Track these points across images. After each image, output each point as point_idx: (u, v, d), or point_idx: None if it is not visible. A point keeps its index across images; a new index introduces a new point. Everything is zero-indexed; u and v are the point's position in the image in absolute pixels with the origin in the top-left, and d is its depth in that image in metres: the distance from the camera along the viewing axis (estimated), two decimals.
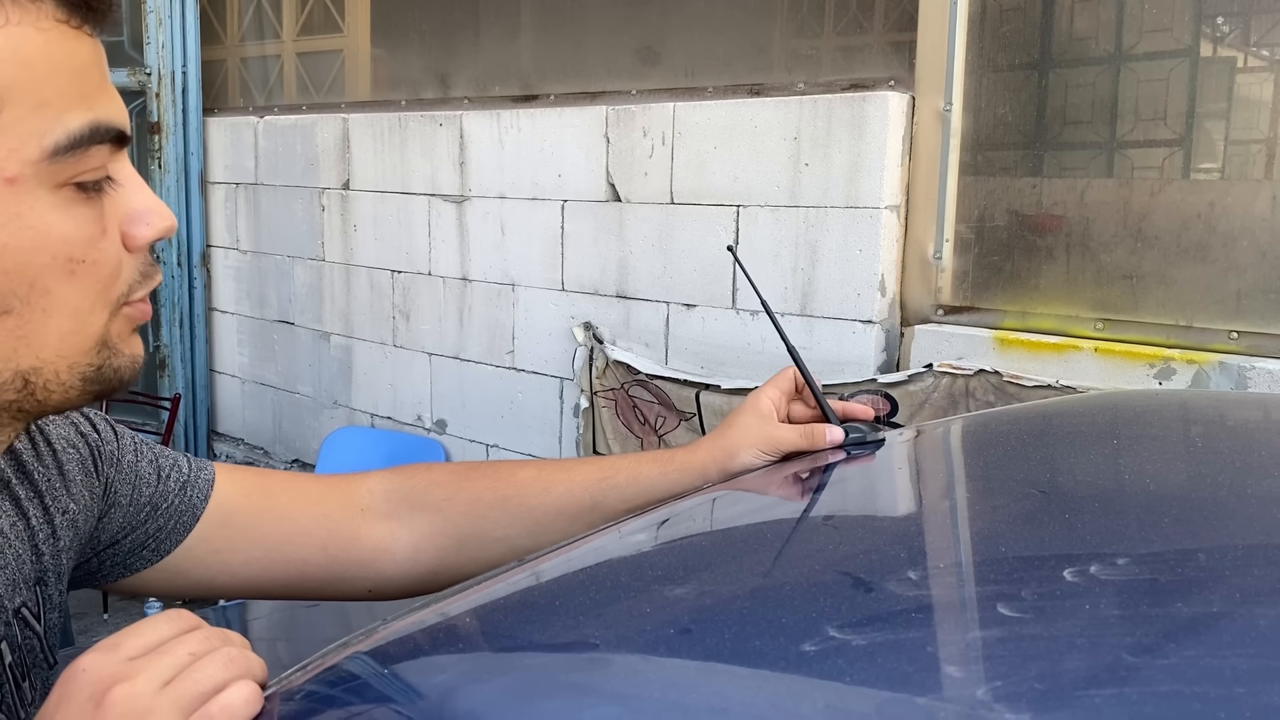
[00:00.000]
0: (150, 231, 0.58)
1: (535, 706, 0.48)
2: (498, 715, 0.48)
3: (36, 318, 0.53)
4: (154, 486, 0.79)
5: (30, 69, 0.50)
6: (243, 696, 0.51)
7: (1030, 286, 2.25)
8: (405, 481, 0.88)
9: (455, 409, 3.31)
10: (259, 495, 0.84)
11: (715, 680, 0.47)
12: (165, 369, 4.00)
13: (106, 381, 0.59)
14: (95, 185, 0.55)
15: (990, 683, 0.42)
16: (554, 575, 0.64)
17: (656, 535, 0.70)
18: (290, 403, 3.84)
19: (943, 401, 2.21)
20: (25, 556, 0.66)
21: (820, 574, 0.57)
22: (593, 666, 0.50)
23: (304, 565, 0.84)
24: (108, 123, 0.54)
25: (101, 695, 0.50)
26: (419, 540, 0.87)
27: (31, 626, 0.66)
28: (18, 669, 0.64)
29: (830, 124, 2.36)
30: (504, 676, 0.52)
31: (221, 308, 4.05)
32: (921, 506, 0.72)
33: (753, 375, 2.50)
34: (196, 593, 0.83)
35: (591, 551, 0.66)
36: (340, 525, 0.85)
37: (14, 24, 0.50)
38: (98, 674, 0.51)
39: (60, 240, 0.53)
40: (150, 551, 0.79)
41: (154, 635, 0.53)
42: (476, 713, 0.49)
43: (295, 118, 3.68)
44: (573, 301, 2.92)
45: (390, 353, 3.46)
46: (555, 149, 2.90)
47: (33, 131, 0.51)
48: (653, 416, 2.73)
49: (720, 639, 0.49)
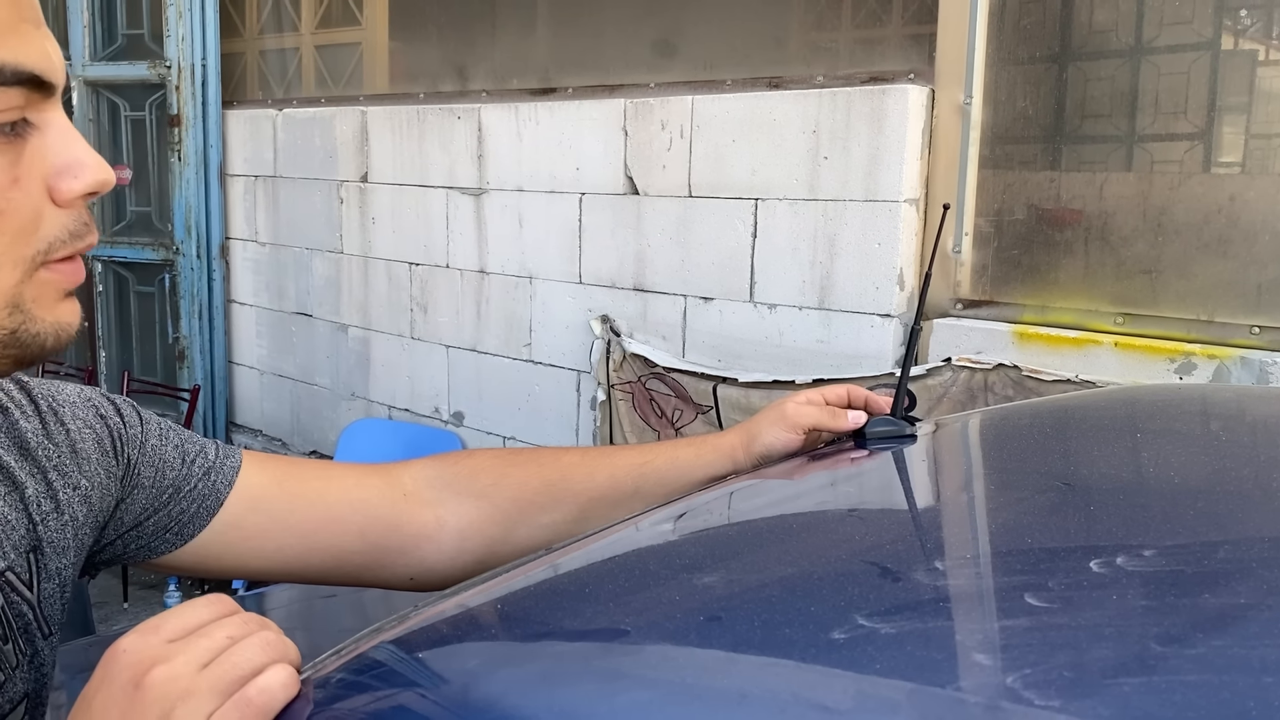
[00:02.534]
0: (79, 184, 0.54)
1: (567, 692, 0.49)
2: (529, 701, 0.48)
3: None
4: (177, 470, 0.80)
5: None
6: (280, 679, 0.52)
7: (1049, 280, 2.24)
8: (450, 468, 0.89)
9: (472, 401, 3.32)
10: (291, 482, 0.84)
11: (745, 667, 0.48)
12: (184, 360, 4.03)
13: (24, 347, 0.55)
14: (9, 130, 0.52)
15: (1019, 670, 0.43)
16: (583, 564, 0.64)
17: (684, 525, 0.70)
18: (308, 394, 3.86)
19: (961, 395, 2.21)
20: (17, 524, 0.67)
21: (848, 564, 0.57)
22: (624, 653, 0.50)
23: (341, 551, 0.84)
24: (15, 65, 0.51)
25: (141, 676, 0.51)
26: (465, 526, 0.87)
27: (19, 592, 0.66)
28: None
29: (849, 117, 2.35)
30: (535, 663, 0.53)
31: (240, 300, 4.08)
32: (947, 499, 0.72)
33: (770, 368, 2.50)
34: (233, 574, 0.84)
35: (621, 541, 0.66)
36: (379, 511, 0.85)
37: None
38: (138, 655, 0.52)
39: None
40: (174, 535, 0.80)
41: (193, 618, 0.54)
42: (508, 699, 0.49)
43: (314, 110, 3.70)
44: (590, 294, 2.92)
45: (408, 345, 3.48)
46: (573, 142, 2.91)
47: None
48: (670, 409, 2.73)
49: (749, 627, 0.50)
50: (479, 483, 0.88)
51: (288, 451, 3.95)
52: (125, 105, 4.10)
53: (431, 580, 0.87)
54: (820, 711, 0.43)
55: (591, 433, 2.97)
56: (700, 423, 2.65)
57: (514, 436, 3.21)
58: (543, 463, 0.89)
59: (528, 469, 0.89)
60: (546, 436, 3.10)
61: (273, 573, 0.84)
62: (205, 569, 0.82)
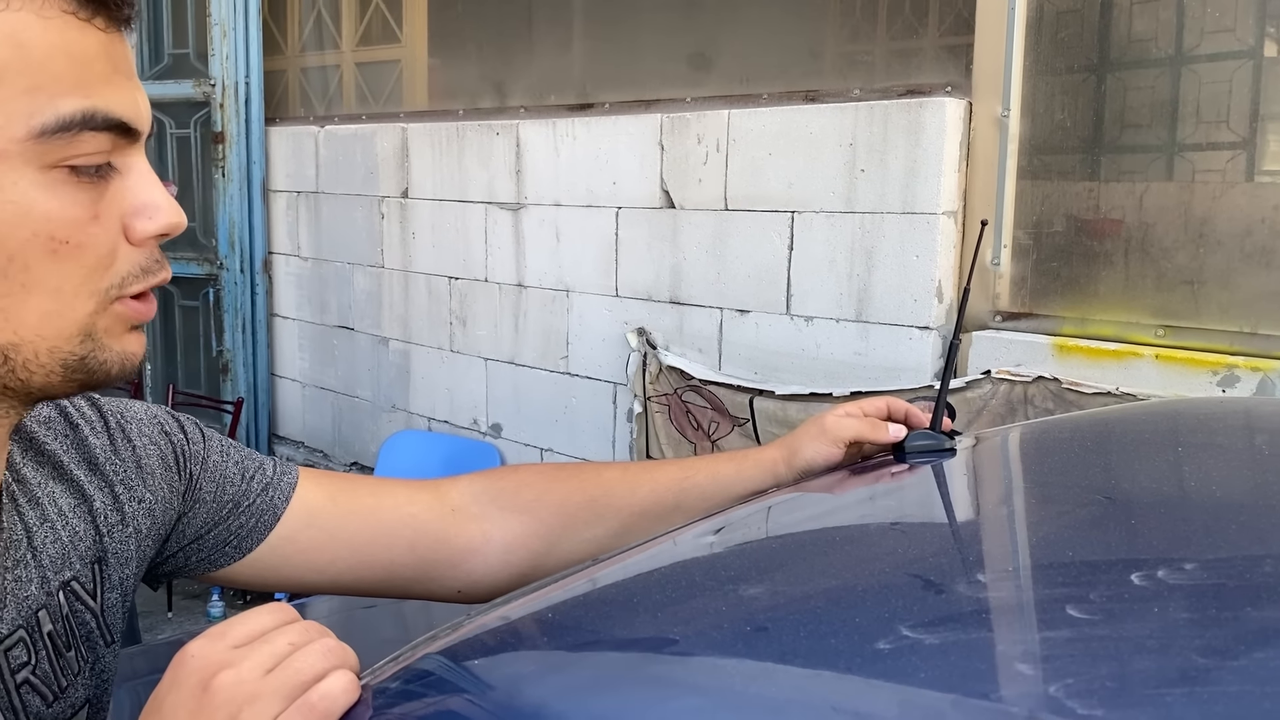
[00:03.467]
0: (153, 225, 0.59)
1: (616, 700, 0.50)
2: (580, 710, 0.50)
3: (15, 292, 0.55)
4: (237, 486, 0.83)
5: (25, 52, 0.52)
6: (341, 685, 0.54)
7: (1089, 292, 2.23)
8: (495, 483, 0.91)
9: (510, 413, 3.35)
10: (344, 497, 0.87)
11: (790, 677, 0.49)
12: (228, 373, 4.10)
13: (90, 373, 0.59)
14: (94, 171, 0.56)
15: (1062, 680, 0.44)
16: (632, 575, 0.66)
17: (730, 537, 0.72)
18: (350, 406, 3.91)
19: (1001, 408, 2.20)
20: (84, 535, 0.70)
21: (891, 576, 0.58)
22: (672, 662, 0.52)
23: (391, 565, 0.87)
24: (106, 112, 0.55)
25: (209, 679, 0.53)
26: (511, 541, 0.89)
27: (83, 601, 0.69)
28: (59, 638, 0.67)
29: (886, 130, 2.36)
30: (586, 672, 0.54)
31: (283, 313, 4.14)
32: (988, 512, 0.73)
33: (807, 381, 2.51)
34: (289, 587, 0.86)
35: (668, 552, 0.68)
36: (428, 526, 0.88)
37: (14, 9, 0.52)
38: (205, 660, 0.54)
39: (42, 218, 0.54)
40: (233, 549, 0.83)
41: (257, 625, 0.57)
42: (559, 707, 0.51)
43: (355, 127, 3.76)
44: (626, 307, 2.94)
45: (447, 358, 3.52)
46: (610, 156, 2.93)
47: (21, 111, 0.52)
48: (706, 422, 2.74)
49: (795, 637, 0.51)
50: (523, 498, 0.90)
51: (329, 464, 4.00)
52: (171, 123, 4.19)
53: (478, 593, 0.90)
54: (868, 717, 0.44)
55: (628, 445, 2.98)
56: (737, 435, 2.66)
57: (551, 448, 3.24)
58: (585, 478, 0.91)
59: (570, 484, 0.91)
60: (583, 449, 3.13)
61: (325, 585, 0.86)
62: (261, 582, 0.85)
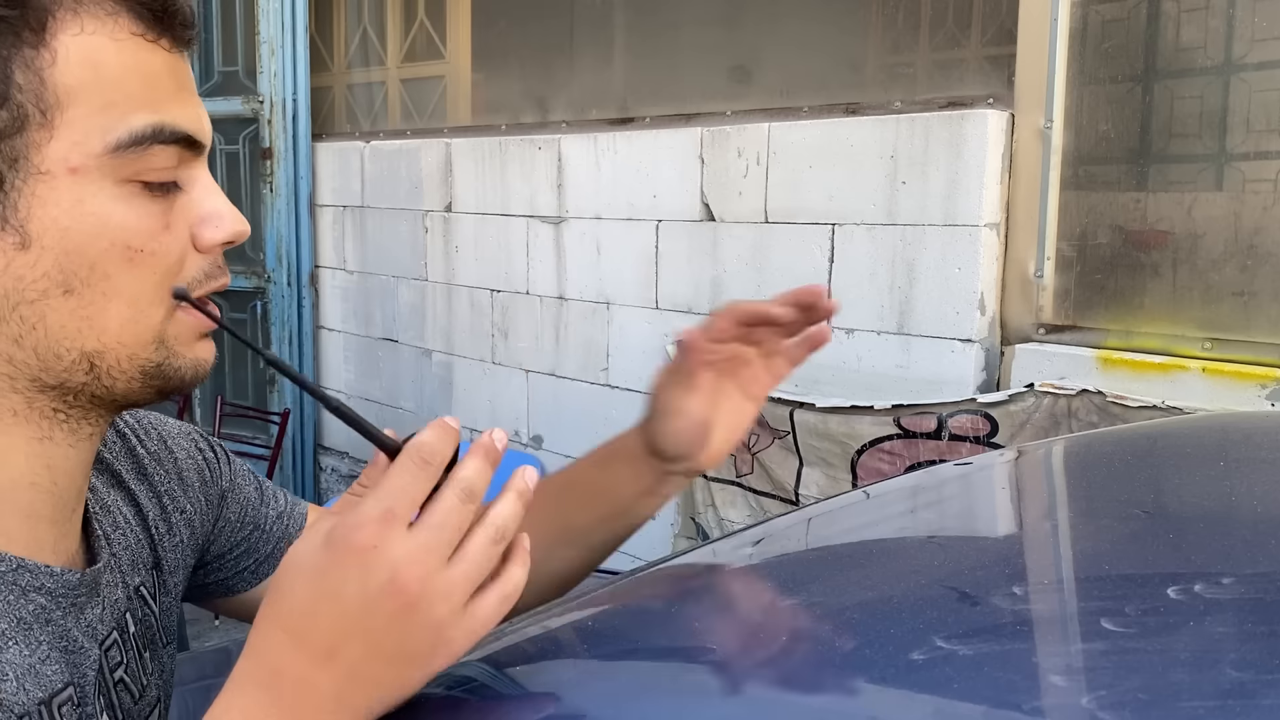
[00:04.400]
0: (220, 234, 0.61)
1: (654, 707, 0.51)
2: (620, 716, 0.51)
3: (97, 300, 0.57)
4: (257, 509, 0.85)
5: (99, 73, 0.55)
6: (520, 571, 0.54)
7: (1135, 305, 2.20)
8: None
9: (552, 425, 3.38)
10: None
11: (827, 687, 0.49)
12: (274, 385, 4.17)
13: (167, 379, 0.62)
14: (163, 186, 0.59)
15: (1094, 692, 0.44)
16: (668, 585, 0.67)
17: (768, 548, 0.72)
18: (394, 418, 3.96)
19: (1044, 422, 2.18)
20: (143, 541, 0.73)
21: (926, 588, 0.59)
22: (710, 671, 0.53)
23: None
24: (173, 126, 0.58)
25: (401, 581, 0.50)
26: None
27: (149, 605, 0.71)
28: (139, 639, 0.69)
29: (928, 142, 2.35)
30: (625, 679, 0.55)
31: (329, 326, 4.21)
32: (1026, 524, 0.73)
33: (849, 393, 2.50)
34: None
35: (705, 562, 0.69)
36: None
37: (89, 33, 0.55)
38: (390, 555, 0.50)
39: (119, 228, 0.57)
40: (250, 573, 0.84)
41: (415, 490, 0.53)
42: (599, 714, 0.52)
43: (400, 142, 3.81)
44: (666, 320, 2.96)
45: (489, 369, 3.55)
46: (650, 170, 2.95)
47: (97, 128, 0.55)
48: (747, 435, 2.74)
49: (831, 647, 0.52)
50: None
51: None
52: (220, 139, 4.28)
53: None
54: None
55: None
56: (777, 448, 2.66)
57: None
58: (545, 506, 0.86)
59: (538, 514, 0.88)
60: None
61: None
62: None
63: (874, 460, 2.42)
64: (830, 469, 2.53)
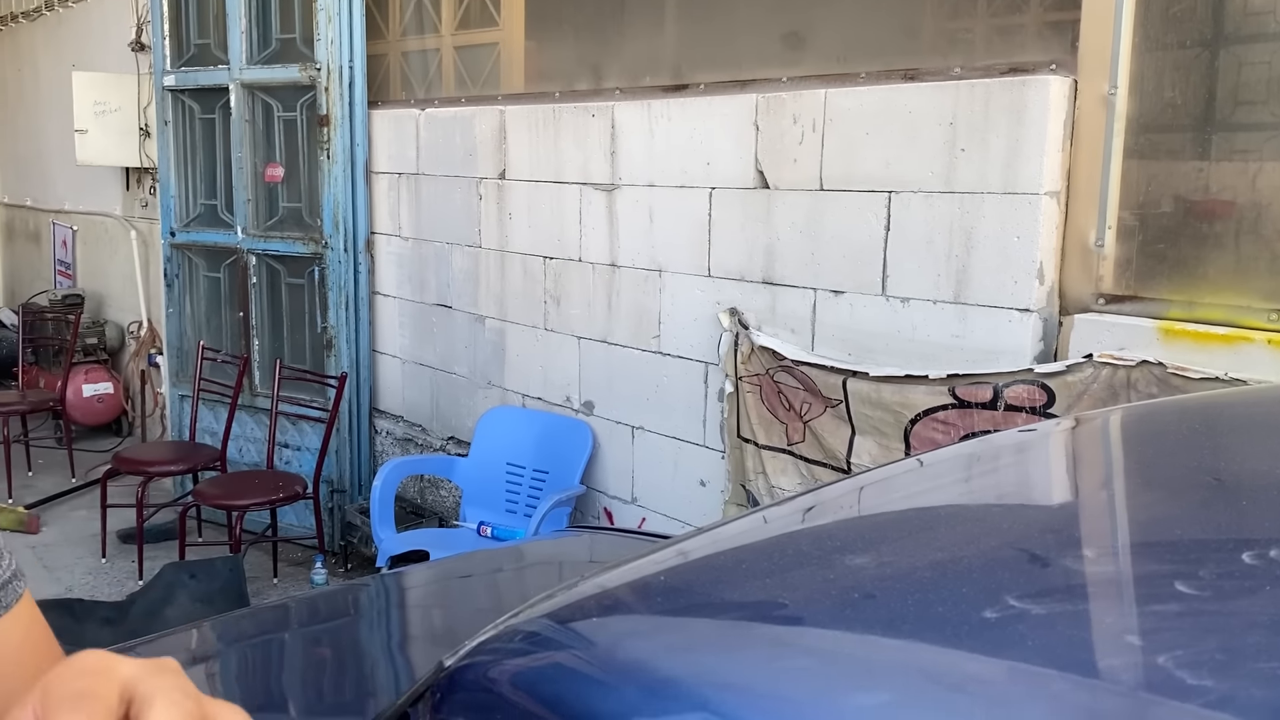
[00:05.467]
0: None
1: (729, 659, 0.53)
2: (691, 667, 0.53)
3: None
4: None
5: None
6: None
7: (1198, 275, 2.17)
8: None
9: (603, 391, 3.40)
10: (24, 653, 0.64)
11: (901, 641, 0.51)
12: (332, 349, 4.24)
13: None
14: None
15: (1171, 652, 0.45)
16: (736, 543, 0.68)
17: (836, 511, 0.74)
18: (447, 383, 4.01)
19: (1102, 393, 2.16)
20: None
21: (996, 550, 0.60)
22: (782, 625, 0.54)
23: None
24: None
25: None
26: None
27: None
28: None
29: (988, 109, 2.32)
30: (697, 631, 0.57)
31: (384, 292, 4.26)
32: (1094, 489, 0.74)
33: (903, 363, 2.49)
34: None
35: (771, 522, 0.70)
36: None
37: None
38: None
39: None
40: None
41: None
42: (671, 664, 0.54)
43: (454, 110, 3.83)
44: (718, 287, 2.96)
45: (541, 336, 3.58)
46: (704, 137, 2.94)
47: None
48: (798, 402, 2.75)
49: (904, 604, 0.53)
50: None
51: (427, 436, 4.12)
52: (278, 106, 4.33)
53: None
54: (973, 683, 0.46)
55: (719, 424, 3.01)
56: (829, 416, 2.66)
57: (642, 426, 3.28)
58: None
59: None
60: (674, 426, 3.16)
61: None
62: None
63: (928, 430, 2.42)
64: (883, 438, 2.52)
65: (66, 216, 6.32)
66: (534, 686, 0.52)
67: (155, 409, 5.68)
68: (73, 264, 6.31)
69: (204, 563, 3.60)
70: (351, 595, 2.36)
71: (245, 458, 4.54)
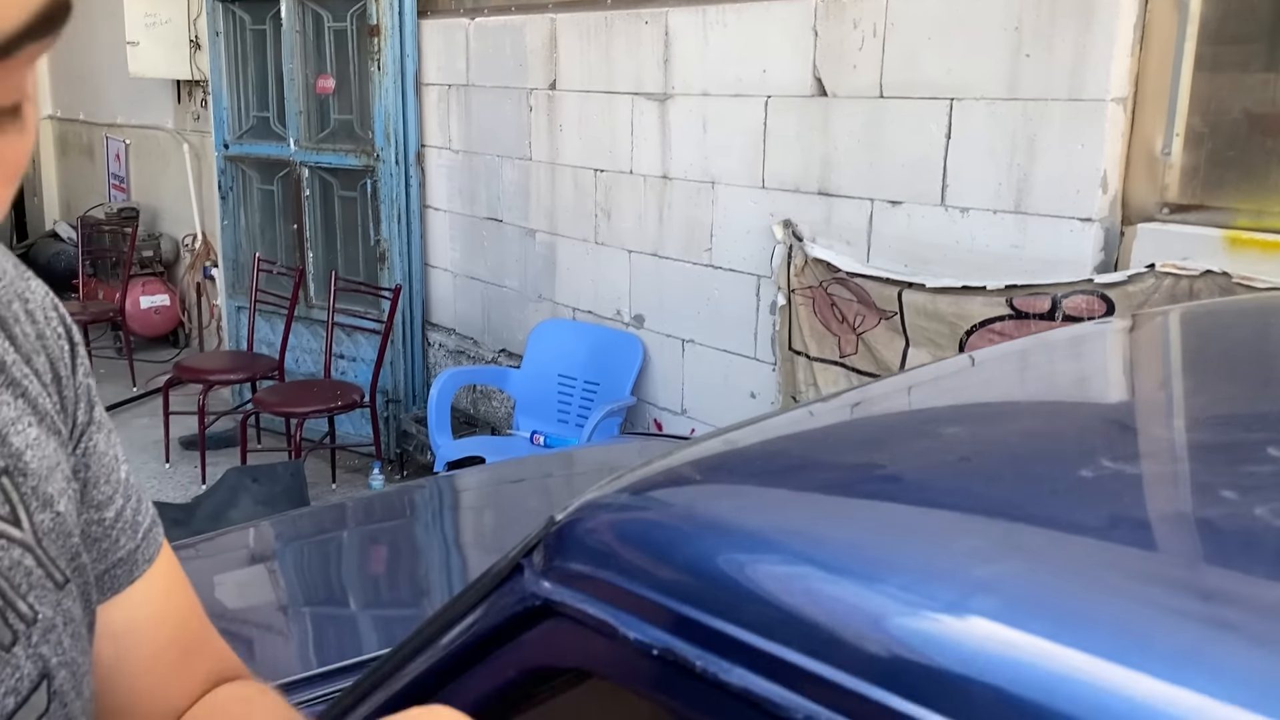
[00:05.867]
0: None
1: (827, 513, 0.55)
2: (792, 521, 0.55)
3: None
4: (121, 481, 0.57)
5: None
6: None
7: (1268, 184, 2.12)
8: None
9: (653, 305, 3.42)
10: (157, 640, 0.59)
11: (1000, 498, 0.53)
12: (385, 262, 4.29)
13: None
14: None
15: (1269, 504, 0.47)
16: (835, 417, 0.71)
17: (920, 391, 0.76)
18: (498, 296, 4.05)
19: (1163, 304, 2.14)
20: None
21: (1085, 420, 0.61)
22: (887, 483, 0.57)
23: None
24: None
25: None
26: None
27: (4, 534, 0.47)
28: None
29: (1054, 12, 2.26)
30: (798, 490, 0.60)
31: (435, 205, 4.28)
32: (1178, 370, 0.75)
33: (960, 274, 2.48)
34: None
35: (868, 397, 0.72)
36: None
37: None
38: None
39: None
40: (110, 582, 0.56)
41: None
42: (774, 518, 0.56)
43: (504, 19, 3.80)
44: (772, 199, 2.94)
45: (592, 250, 3.59)
46: (760, 44, 2.90)
47: None
48: (851, 315, 2.75)
49: (1000, 466, 0.55)
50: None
51: (478, 349, 4.17)
52: (329, 16, 4.31)
53: None
54: (1078, 529, 0.48)
55: (770, 337, 3.02)
56: (884, 328, 2.66)
57: (693, 339, 3.30)
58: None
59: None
60: (725, 339, 3.17)
61: None
62: None
63: (983, 341, 2.41)
64: (938, 350, 2.52)
65: (119, 130, 6.38)
66: (643, 536, 0.55)
67: (211, 320, 5.80)
68: (126, 178, 6.39)
69: (266, 467, 3.71)
70: (409, 496, 2.43)
71: (302, 368, 4.64)
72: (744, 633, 0.45)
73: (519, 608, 0.56)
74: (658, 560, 0.52)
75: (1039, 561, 0.46)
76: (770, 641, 0.44)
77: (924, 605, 0.43)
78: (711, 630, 0.46)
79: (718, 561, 0.50)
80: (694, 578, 0.49)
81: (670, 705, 0.49)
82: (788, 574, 0.48)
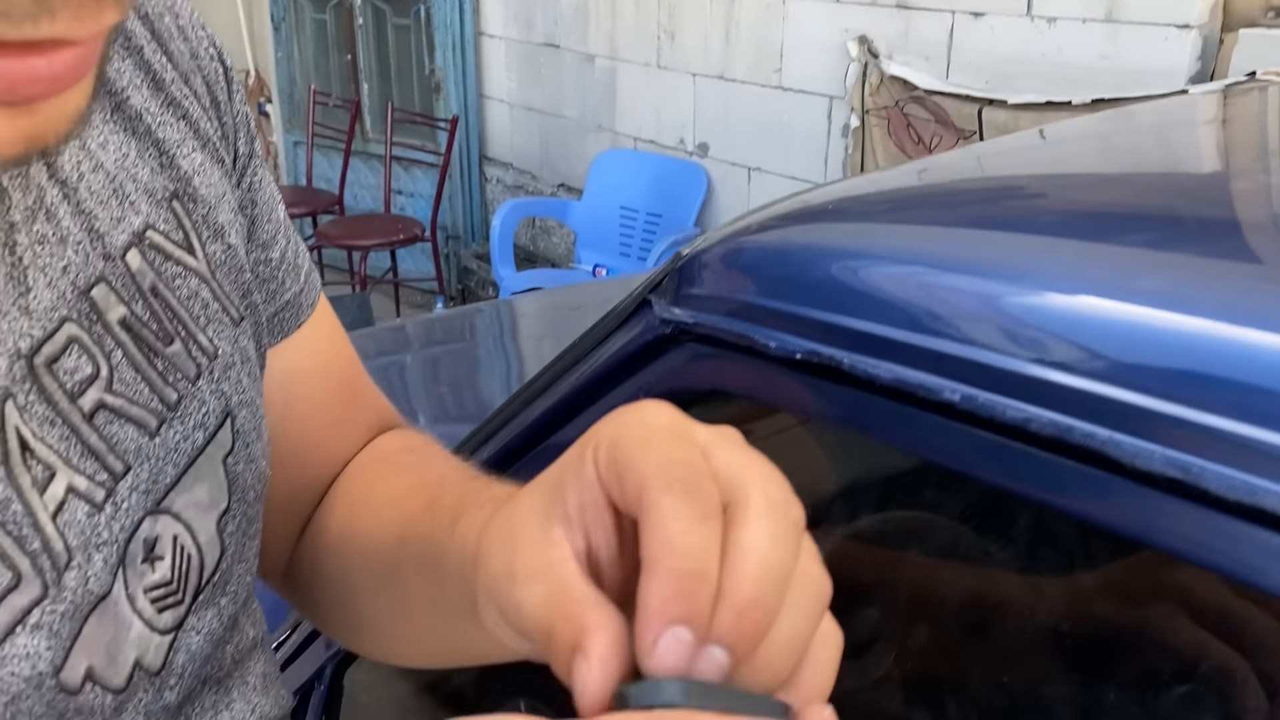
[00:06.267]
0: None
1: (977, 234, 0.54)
2: (941, 236, 0.53)
3: None
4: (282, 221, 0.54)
5: None
6: None
7: None
8: None
9: (718, 132, 3.34)
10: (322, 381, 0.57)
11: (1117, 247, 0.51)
12: (440, 92, 4.22)
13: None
14: None
15: None
16: (956, 165, 0.68)
17: (1047, 146, 0.73)
18: (556, 127, 3.98)
19: None
20: (139, 165, 0.43)
21: (1196, 190, 0.59)
22: (1030, 214, 0.55)
23: None
24: None
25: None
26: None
27: (177, 260, 0.44)
28: (144, 325, 0.41)
29: None
30: (941, 214, 0.58)
31: (489, 32, 4.17)
32: None
33: (1045, 88, 2.37)
34: None
35: (986, 155, 0.69)
36: None
37: None
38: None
39: None
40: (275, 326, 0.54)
41: None
42: (917, 237, 0.55)
43: None
44: (847, 13, 2.81)
45: (654, 74, 3.49)
46: None
47: None
48: (928, 136, 2.66)
49: (1106, 223, 0.53)
50: None
51: (536, 183, 4.13)
52: None
53: None
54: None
55: (841, 162, 2.94)
56: (960, 149, 2.57)
57: (760, 167, 3.23)
58: None
59: None
60: (793, 166, 3.10)
61: None
62: None
63: None
64: None
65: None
66: (780, 255, 0.54)
67: (268, 157, 5.80)
68: None
69: (333, 299, 3.75)
70: (469, 319, 2.46)
71: (360, 204, 4.65)
72: (893, 330, 0.45)
73: (649, 336, 0.55)
74: (799, 274, 0.51)
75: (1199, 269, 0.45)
76: (920, 334, 0.44)
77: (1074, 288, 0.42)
78: (858, 332, 0.46)
79: (862, 271, 0.49)
80: (838, 287, 0.48)
81: (810, 409, 0.49)
82: (934, 275, 0.47)
